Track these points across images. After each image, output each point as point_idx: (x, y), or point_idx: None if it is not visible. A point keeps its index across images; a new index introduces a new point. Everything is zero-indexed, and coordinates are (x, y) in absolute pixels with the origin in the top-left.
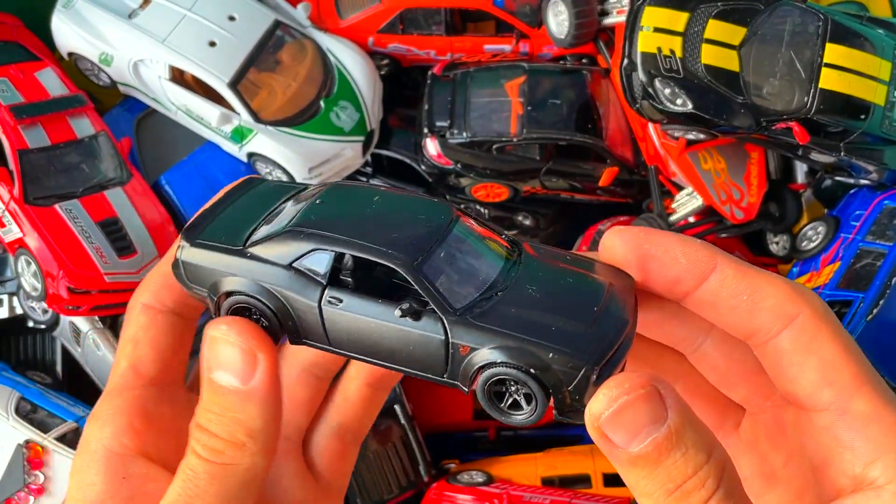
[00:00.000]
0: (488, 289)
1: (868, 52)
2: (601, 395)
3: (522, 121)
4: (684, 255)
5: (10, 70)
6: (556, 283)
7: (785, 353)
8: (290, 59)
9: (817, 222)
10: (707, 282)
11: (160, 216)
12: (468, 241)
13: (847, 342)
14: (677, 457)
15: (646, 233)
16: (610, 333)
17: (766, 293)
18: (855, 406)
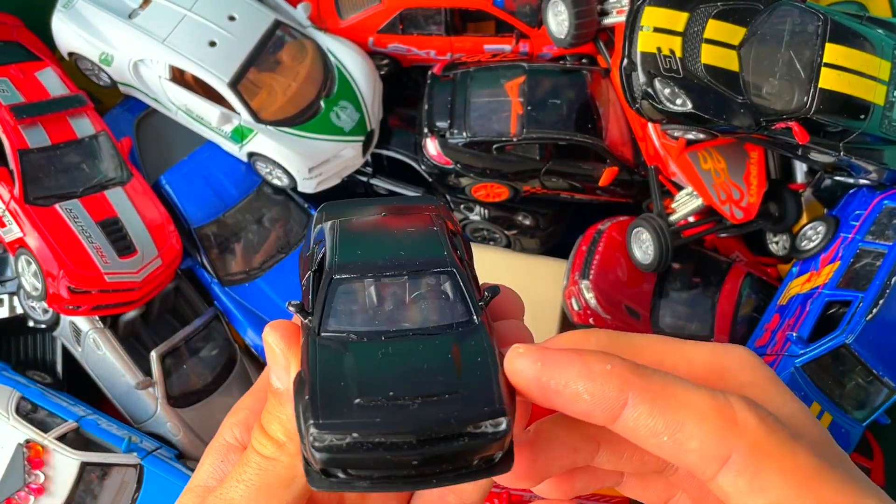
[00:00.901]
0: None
1: (868, 52)
2: None
3: (522, 121)
4: (587, 392)
5: (11, 70)
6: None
7: (730, 496)
8: (291, 59)
9: (817, 222)
10: (620, 419)
11: (160, 216)
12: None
13: (798, 466)
14: None
15: (544, 360)
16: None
17: (688, 433)
18: None
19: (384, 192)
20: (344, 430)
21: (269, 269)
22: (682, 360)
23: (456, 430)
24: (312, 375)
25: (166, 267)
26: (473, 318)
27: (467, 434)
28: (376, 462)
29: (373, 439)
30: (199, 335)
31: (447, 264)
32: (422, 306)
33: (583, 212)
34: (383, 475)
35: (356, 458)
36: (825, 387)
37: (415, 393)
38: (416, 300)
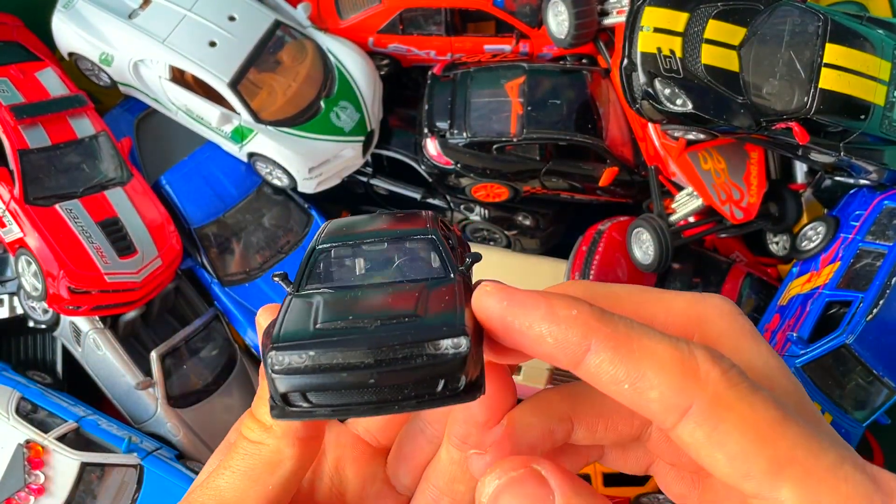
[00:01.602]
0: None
1: (868, 53)
2: (485, 480)
3: (522, 121)
4: (551, 336)
5: (11, 70)
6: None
7: (689, 447)
8: (291, 60)
9: (817, 222)
10: (583, 364)
11: (160, 216)
12: None
13: (757, 419)
14: None
15: (509, 300)
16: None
17: (649, 382)
18: (783, 495)
19: (384, 192)
20: (301, 349)
21: (269, 269)
22: (660, 308)
23: (413, 349)
24: (280, 318)
25: (166, 267)
26: (449, 275)
27: (426, 354)
28: (334, 383)
29: (330, 359)
30: (199, 335)
31: (428, 232)
32: (399, 265)
33: (583, 212)
34: (344, 401)
35: (314, 381)
36: (825, 387)
37: (374, 317)
38: (395, 261)
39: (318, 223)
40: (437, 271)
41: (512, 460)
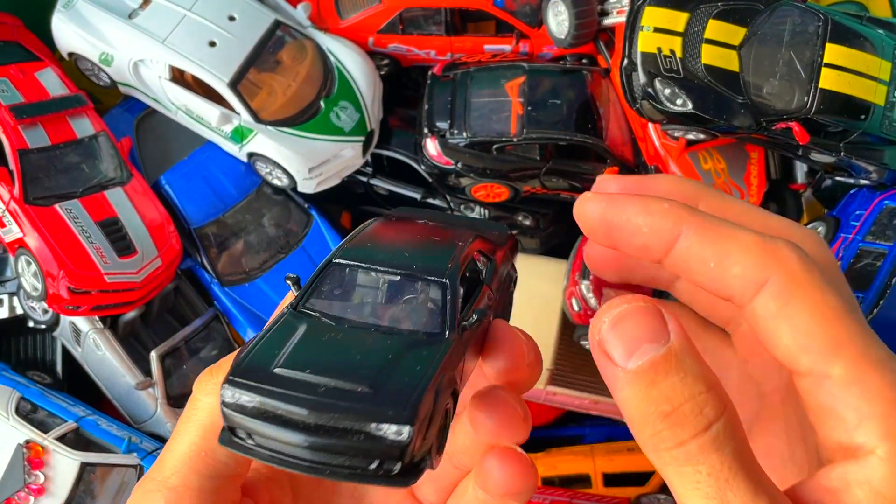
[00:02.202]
0: None
1: (868, 53)
2: (604, 310)
3: (522, 121)
4: (646, 225)
5: (10, 70)
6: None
7: (759, 319)
8: (290, 60)
9: (817, 222)
10: (674, 250)
11: (160, 216)
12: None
13: (826, 303)
14: (675, 380)
15: (609, 201)
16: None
17: (734, 259)
18: (834, 371)
19: (384, 192)
20: (249, 392)
21: (269, 270)
22: (757, 221)
23: (352, 424)
24: (257, 339)
25: (166, 267)
26: (444, 333)
27: (364, 433)
28: (274, 434)
29: (273, 410)
30: (198, 335)
31: (443, 275)
32: (401, 308)
33: None
34: (281, 452)
35: (257, 426)
36: None
37: (330, 377)
38: (399, 301)
39: (318, 223)
40: (434, 326)
41: (638, 296)
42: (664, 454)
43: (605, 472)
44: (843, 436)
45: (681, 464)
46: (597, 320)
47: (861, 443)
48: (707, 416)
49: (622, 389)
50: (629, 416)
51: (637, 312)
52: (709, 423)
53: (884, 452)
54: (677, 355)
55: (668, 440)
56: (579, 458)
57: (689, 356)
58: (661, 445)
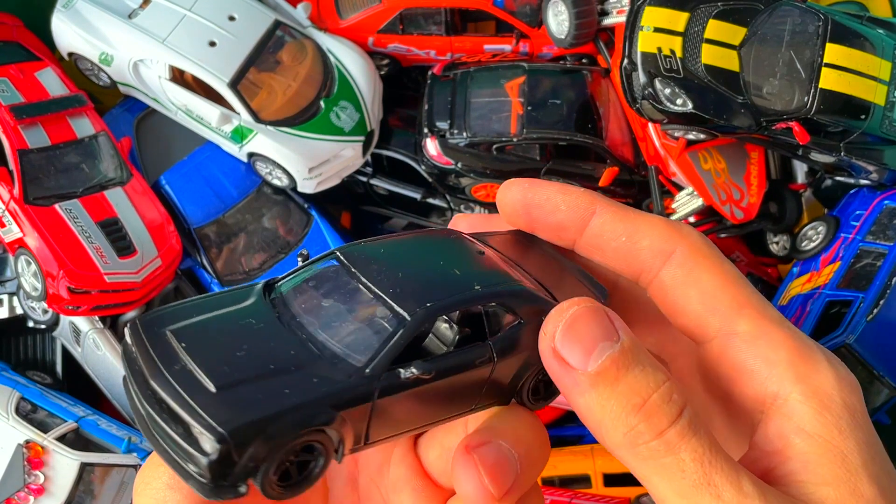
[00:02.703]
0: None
1: (868, 52)
2: (552, 318)
3: (522, 121)
4: (564, 203)
5: (11, 70)
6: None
7: (668, 289)
8: (290, 60)
9: (817, 222)
10: (588, 227)
11: (160, 216)
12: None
13: (726, 271)
14: (636, 372)
15: (531, 183)
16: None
17: (643, 233)
18: (740, 328)
19: (384, 192)
20: (132, 336)
21: (268, 270)
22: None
23: (179, 412)
24: (203, 297)
25: (166, 267)
26: (363, 370)
27: (185, 426)
28: (129, 383)
29: (135, 362)
30: None
31: (412, 312)
32: (351, 328)
33: None
34: (134, 402)
35: (125, 369)
36: None
37: (198, 359)
38: (355, 320)
39: (318, 223)
40: (359, 358)
41: (583, 298)
42: (643, 449)
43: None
44: (759, 388)
45: (662, 455)
46: (546, 329)
47: (775, 391)
48: (677, 403)
49: (586, 393)
50: (597, 419)
51: (587, 314)
52: (680, 408)
53: (800, 395)
54: (632, 349)
55: (645, 433)
56: (579, 458)
57: (640, 349)
58: (639, 440)
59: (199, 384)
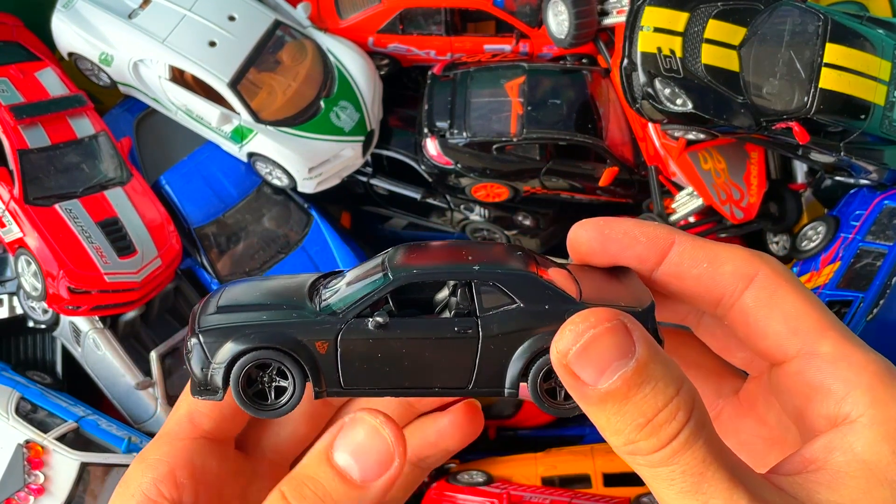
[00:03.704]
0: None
1: (868, 52)
2: (567, 332)
3: (522, 121)
4: (643, 235)
5: (10, 70)
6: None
7: (750, 310)
8: (290, 60)
9: (817, 222)
10: (668, 256)
11: (160, 216)
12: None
13: (807, 294)
14: (647, 391)
15: (606, 220)
16: None
17: (724, 258)
18: (822, 349)
19: (384, 192)
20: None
21: (268, 270)
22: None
23: (190, 322)
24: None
25: (166, 267)
26: (335, 313)
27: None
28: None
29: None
30: None
31: (393, 275)
32: (349, 288)
33: (583, 212)
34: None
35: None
36: None
37: (227, 297)
38: (355, 283)
39: (318, 223)
40: (335, 307)
41: (602, 311)
42: (640, 459)
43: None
44: (832, 407)
45: (655, 466)
46: (559, 345)
47: (848, 412)
48: (680, 421)
49: (595, 409)
50: (602, 428)
51: (604, 335)
52: (681, 426)
53: (868, 419)
54: (646, 366)
55: (643, 450)
56: (579, 458)
57: (657, 362)
58: (637, 453)
59: (209, 308)
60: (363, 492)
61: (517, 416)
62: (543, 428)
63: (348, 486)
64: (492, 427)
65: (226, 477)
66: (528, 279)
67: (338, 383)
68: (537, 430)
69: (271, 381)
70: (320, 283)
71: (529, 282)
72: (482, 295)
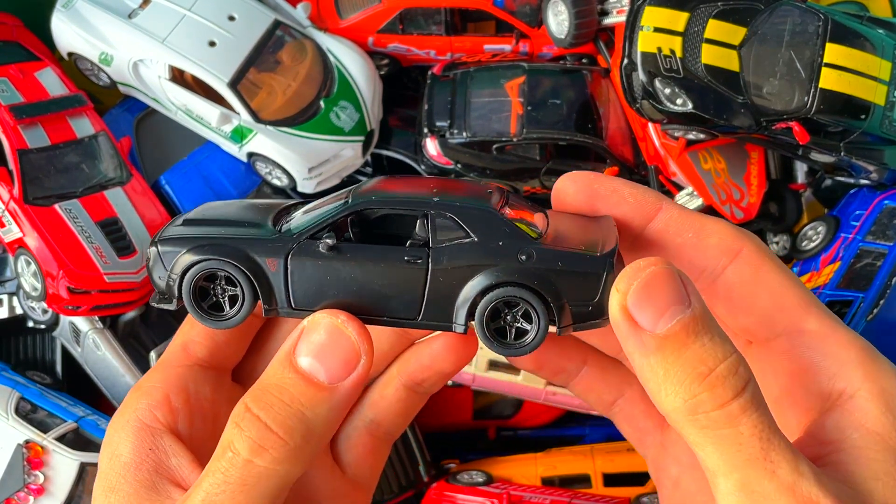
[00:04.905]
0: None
1: (868, 52)
2: (624, 278)
3: (522, 121)
4: (632, 196)
5: (10, 70)
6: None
7: (734, 286)
8: (290, 59)
9: (817, 222)
10: (654, 221)
11: (160, 216)
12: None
13: (789, 273)
14: (706, 340)
15: (596, 176)
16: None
17: (709, 231)
18: (809, 326)
19: None
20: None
21: None
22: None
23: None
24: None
25: None
26: (289, 232)
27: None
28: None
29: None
30: None
31: (351, 200)
32: (313, 213)
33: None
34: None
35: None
36: None
37: (197, 212)
38: (320, 207)
39: None
40: (292, 227)
41: (658, 259)
42: (702, 418)
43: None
44: (825, 384)
45: (721, 426)
46: (619, 285)
47: (843, 388)
48: (742, 377)
49: (651, 355)
50: (658, 382)
51: (662, 276)
52: (745, 382)
53: (867, 393)
54: (703, 317)
55: (707, 403)
56: (579, 458)
57: (711, 318)
58: (699, 409)
59: (175, 222)
60: (331, 393)
61: (517, 416)
62: (543, 428)
63: (315, 389)
64: (492, 427)
65: (220, 404)
66: (486, 213)
67: (288, 303)
68: (537, 430)
69: (224, 292)
70: (294, 208)
71: (487, 216)
72: (437, 227)
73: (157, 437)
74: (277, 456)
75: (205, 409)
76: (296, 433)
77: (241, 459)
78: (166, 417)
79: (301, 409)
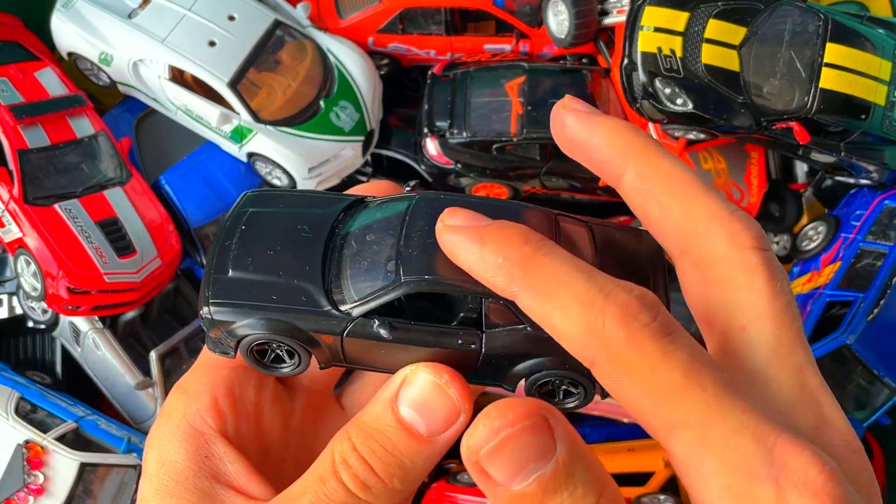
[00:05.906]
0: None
1: (868, 52)
2: (480, 426)
3: (522, 121)
4: (604, 147)
5: (10, 70)
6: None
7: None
8: (290, 59)
9: (817, 222)
10: (621, 182)
11: (160, 216)
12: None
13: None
14: (564, 496)
15: (576, 116)
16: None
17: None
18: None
19: None
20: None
21: None
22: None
23: (204, 277)
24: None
25: (166, 267)
26: (343, 309)
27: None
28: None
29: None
30: (198, 335)
31: (404, 276)
32: (365, 268)
33: (583, 212)
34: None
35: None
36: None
37: (243, 244)
38: (375, 262)
39: None
40: (346, 298)
41: (522, 406)
42: None
43: None
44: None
45: None
46: (470, 441)
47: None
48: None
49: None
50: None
51: (522, 434)
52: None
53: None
54: (567, 468)
55: None
56: None
57: (579, 462)
58: None
59: (225, 264)
60: (430, 445)
61: None
62: None
63: (415, 441)
64: None
65: (264, 407)
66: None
67: (341, 361)
68: None
69: (280, 347)
70: (341, 232)
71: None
72: (491, 308)
73: (210, 443)
74: (377, 494)
75: (248, 412)
76: (395, 478)
77: (345, 490)
78: (216, 422)
79: (401, 457)
